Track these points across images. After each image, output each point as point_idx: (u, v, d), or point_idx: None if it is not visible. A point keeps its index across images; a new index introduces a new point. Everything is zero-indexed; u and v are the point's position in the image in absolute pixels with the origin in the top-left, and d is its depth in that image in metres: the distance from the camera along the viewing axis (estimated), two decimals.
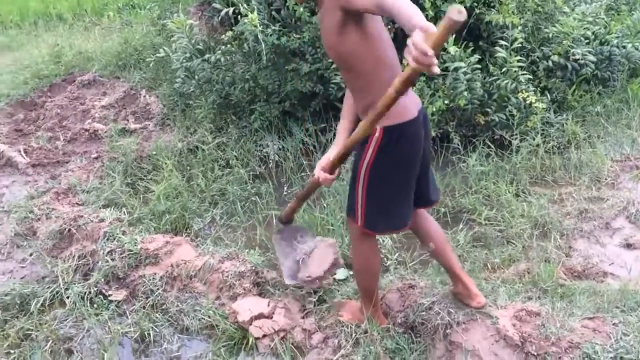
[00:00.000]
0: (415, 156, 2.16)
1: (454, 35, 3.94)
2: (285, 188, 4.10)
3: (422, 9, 4.09)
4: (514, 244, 3.24)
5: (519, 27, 4.30)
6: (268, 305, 2.79)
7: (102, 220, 3.43)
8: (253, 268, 3.04)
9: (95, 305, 2.92)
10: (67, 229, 3.40)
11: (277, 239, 2.92)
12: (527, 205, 3.52)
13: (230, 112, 4.77)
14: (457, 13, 1.37)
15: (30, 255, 3.37)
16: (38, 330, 2.78)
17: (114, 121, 5.09)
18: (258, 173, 4.27)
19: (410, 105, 2.11)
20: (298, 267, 2.84)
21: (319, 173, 2.28)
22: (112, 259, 3.13)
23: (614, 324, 2.41)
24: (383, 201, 2.23)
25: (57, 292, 3.03)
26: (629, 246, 3.17)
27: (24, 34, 8.06)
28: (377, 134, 2.09)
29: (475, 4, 4.27)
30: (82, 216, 3.47)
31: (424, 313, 2.55)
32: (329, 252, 2.87)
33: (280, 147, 4.40)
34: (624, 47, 4.72)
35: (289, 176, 4.18)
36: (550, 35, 4.57)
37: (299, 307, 2.82)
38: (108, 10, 8.35)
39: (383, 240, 3.31)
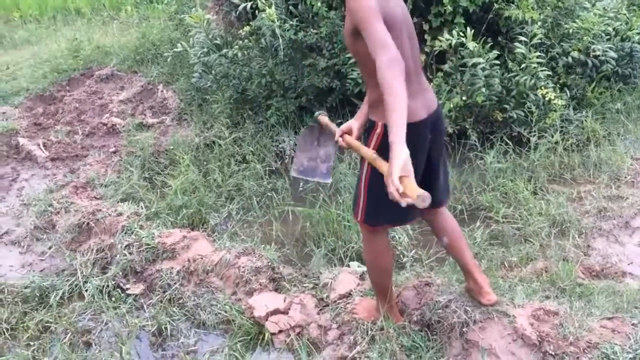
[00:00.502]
0: (415, 157, 2.05)
1: (472, 31, 3.91)
2: (301, 184, 4.10)
3: (441, 3, 4.06)
4: (532, 242, 3.21)
5: (539, 23, 4.25)
6: (284, 300, 2.80)
7: (120, 215, 3.46)
8: (269, 264, 3.04)
9: (113, 299, 2.95)
10: (85, 223, 3.44)
11: (304, 133, 2.93)
12: (545, 203, 3.49)
13: (247, 107, 4.78)
14: (421, 201, 1.66)
15: (50, 248, 3.41)
16: (57, 323, 2.82)
17: (132, 115, 5.13)
18: (274, 168, 4.28)
19: (418, 107, 2.09)
20: (308, 165, 2.84)
21: (337, 137, 2.39)
22: (130, 253, 3.16)
23: (633, 325, 2.38)
24: (381, 196, 2.14)
25: (75, 285, 3.07)
26: None
27: (43, 28, 8.14)
28: (378, 130, 2.10)
29: (495, 0, 4.23)
30: (100, 210, 3.50)
31: (440, 311, 2.53)
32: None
33: (297, 142, 4.39)
34: None
35: None
36: (570, 31, 4.52)
37: (315, 302, 2.82)
38: (126, 5, 8.40)
39: (399, 237, 3.31)
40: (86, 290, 3.02)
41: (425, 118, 2.10)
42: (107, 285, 3.03)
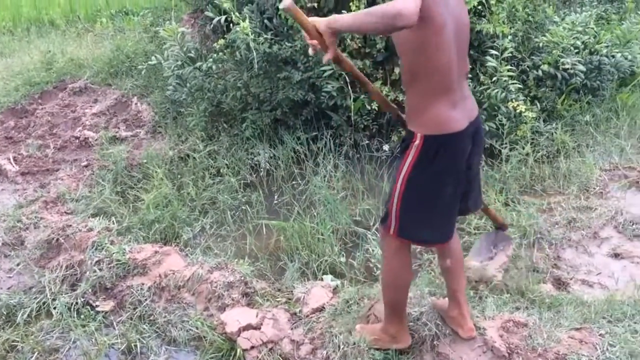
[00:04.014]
0: (456, 170, 2.08)
1: None
2: (276, 197, 4.10)
3: None
4: None
5: (510, 37, 4.32)
6: (256, 316, 2.78)
7: (90, 230, 3.41)
8: (242, 278, 3.03)
9: (82, 316, 2.90)
10: (55, 239, 3.39)
11: (486, 237, 3.02)
12: (517, 215, 3.53)
13: (222, 120, 4.77)
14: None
15: (18, 265, 3.34)
16: (24, 342, 2.76)
17: (105, 129, 5.07)
18: (249, 181, 4.26)
19: (458, 116, 2.02)
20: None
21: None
22: (100, 269, 3.11)
23: (600, 335, 2.42)
24: (418, 211, 2.15)
25: (44, 303, 3.01)
26: (616, 256, 3.18)
27: (16, 40, 8.02)
28: (417, 141, 2.03)
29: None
30: (70, 225, 3.45)
31: (412, 324, 2.55)
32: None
33: (272, 155, 4.39)
34: (613, 56, 4.75)
35: (280, 185, 4.18)
36: (541, 44, 4.60)
37: (288, 317, 2.81)
38: (101, 17, 8.32)
39: (373, 250, 3.32)
40: (54, 308, 2.96)
41: (467, 127, 2.03)
42: (76, 303, 2.98)
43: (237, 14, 4.15)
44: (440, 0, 1.88)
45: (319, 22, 1.84)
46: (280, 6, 1.87)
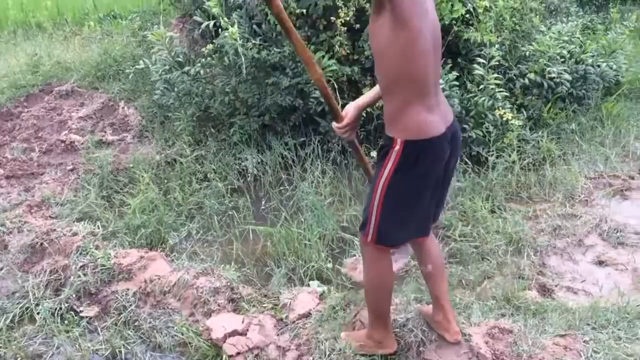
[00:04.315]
0: (435, 174, 2.10)
1: None
2: (263, 202, 4.09)
3: None
4: (489, 260, 3.26)
5: (497, 45, 4.37)
6: (242, 322, 2.77)
7: (75, 234, 3.38)
8: (228, 284, 3.02)
9: (66, 322, 2.86)
10: (39, 243, 3.35)
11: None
12: (503, 222, 3.55)
13: (210, 125, 4.75)
14: None
15: (1, 269, 3.29)
16: (6, 348, 2.71)
17: (91, 132, 5.03)
18: (236, 187, 4.25)
19: (436, 120, 2.04)
20: None
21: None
22: (85, 274, 3.08)
23: (584, 342, 2.44)
24: (397, 216, 2.15)
25: (27, 308, 2.97)
26: (600, 263, 3.21)
27: (3, 42, 7.93)
28: (397, 147, 2.03)
29: (454, 22, 4.33)
30: (54, 230, 3.41)
31: (397, 330, 2.54)
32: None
33: (259, 160, 4.38)
34: (599, 66, 4.82)
35: (267, 190, 4.17)
36: (527, 53, 4.66)
37: (274, 323, 2.80)
38: (89, 20, 8.27)
39: (359, 257, 3.31)
40: (38, 313, 2.92)
41: (444, 132, 2.04)
42: (60, 308, 2.94)
43: (225, 19, 4.15)
44: (417, 8, 1.89)
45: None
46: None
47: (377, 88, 2.25)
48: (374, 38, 1.98)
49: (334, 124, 2.32)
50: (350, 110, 2.29)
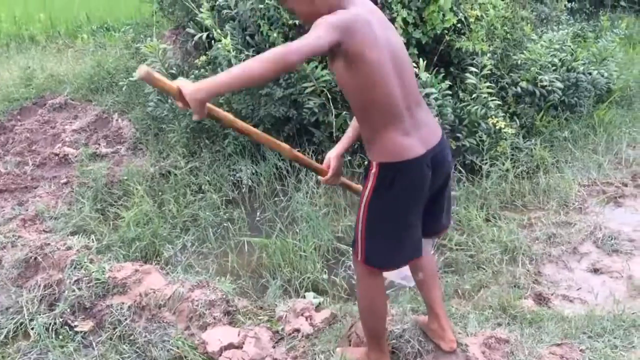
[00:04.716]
0: (415, 195, 2.08)
1: (425, 62, 4.02)
2: (258, 213, 4.08)
3: None
4: (484, 269, 3.27)
5: (489, 54, 4.40)
6: (238, 335, 2.75)
7: (69, 248, 3.35)
8: (224, 296, 3.00)
9: (60, 337, 2.83)
10: (33, 257, 3.31)
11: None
12: (497, 230, 3.56)
13: (204, 137, 4.75)
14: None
15: None
16: None
17: (85, 145, 5.02)
18: (231, 198, 4.24)
19: (412, 143, 2.01)
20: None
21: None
22: (79, 289, 3.05)
23: (581, 350, 2.44)
24: (382, 237, 2.14)
25: (21, 324, 2.94)
26: (595, 271, 3.21)
27: None
28: (374, 169, 2.05)
29: (446, 31, 4.36)
30: (48, 244, 3.38)
31: (394, 341, 2.53)
32: None
33: (254, 171, 4.38)
34: (590, 73, 4.86)
35: (262, 201, 4.17)
36: (519, 62, 4.69)
37: (270, 336, 2.79)
38: (82, 33, 8.29)
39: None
40: (32, 329, 2.89)
41: (422, 154, 2.02)
42: (55, 323, 2.91)
43: (218, 30, 4.17)
44: (369, 40, 1.91)
45: (186, 91, 1.75)
46: (136, 76, 1.86)
47: (350, 127, 2.35)
48: (336, 74, 2.03)
49: (320, 178, 2.40)
50: (331, 161, 2.36)
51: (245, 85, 1.90)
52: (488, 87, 4.23)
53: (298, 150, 4.38)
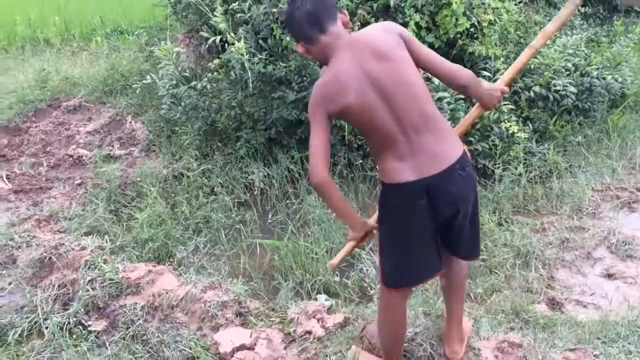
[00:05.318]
0: (405, 220, 2.08)
1: None
2: (270, 216, 4.10)
3: None
4: (497, 273, 3.25)
5: (502, 59, 4.39)
6: (250, 336, 2.77)
7: (83, 249, 3.39)
8: (236, 298, 3.01)
9: (74, 336, 2.87)
10: (47, 257, 3.36)
11: None
12: (510, 235, 3.54)
13: (216, 139, 4.78)
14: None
15: (9, 284, 3.31)
16: None
17: (99, 147, 5.07)
18: (243, 200, 4.26)
19: (404, 169, 2.01)
20: None
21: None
22: (93, 288, 3.09)
23: (594, 356, 2.42)
24: (388, 256, 2.18)
25: (35, 323, 2.98)
26: (609, 276, 3.19)
27: (11, 58, 8.04)
28: (380, 187, 2.12)
29: (459, 35, 4.36)
30: (63, 244, 3.43)
31: (406, 344, 2.53)
32: None
33: (266, 174, 4.40)
34: (604, 78, 4.83)
35: (274, 204, 4.18)
36: (532, 66, 4.67)
37: (282, 337, 2.79)
38: (96, 36, 8.37)
39: (367, 270, 3.32)
40: (46, 328, 2.93)
41: (412, 181, 2.00)
42: (68, 322, 2.95)
43: (232, 34, 4.19)
44: (344, 92, 1.97)
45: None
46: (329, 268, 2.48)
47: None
48: None
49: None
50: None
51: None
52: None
53: (308, 154, 4.42)
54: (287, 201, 4.17)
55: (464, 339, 2.47)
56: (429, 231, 2.10)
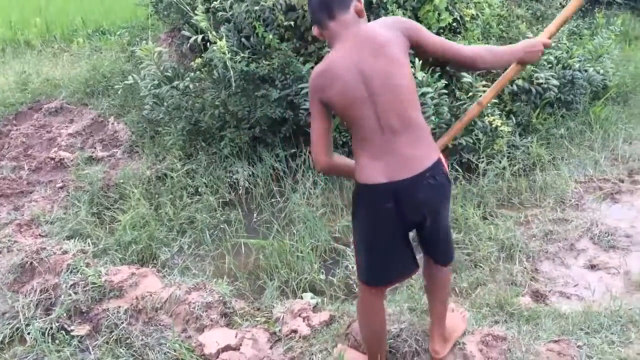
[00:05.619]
0: (375, 222, 2.07)
1: (420, 61, 4.02)
2: (255, 215, 4.08)
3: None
4: (482, 267, 3.26)
5: None
6: (235, 336, 2.75)
7: (65, 253, 3.35)
8: (221, 298, 2.99)
9: (57, 341, 2.83)
10: (29, 262, 3.31)
11: None
12: (494, 228, 3.55)
13: (200, 139, 4.75)
14: None
15: None
16: None
17: (81, 149, 5.02)
18: (228, 200, 4.24)
19: (374, 169, 2.01)
20: None
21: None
22: (75, 293, 3.05)
23: (578, 347, 2.43)
24: (362, 253, 2.19)
25: (17, 329, 2.94)
26: (592, 267, 3.21)
27: None
28: (354, 183, 2.12)
29: (442, 30, 4.36)
30: (44, 248, 3.38)
31: (392, 340, 2.53)
32: None
33: (250, 173, 4.38)
34: (586, 71, 4.86)
35: (259, 203, 4.16)
36: None
37: (267, 337, 2.78)
38: (78, 37, 8.27)
39: (353, 267, 3.31)
40: (28, 333, 2.89)
41: (381, 183, 1.99)
42: (51, 328, 2.91)
43: (214, 33, 4.16)
44: (335, 79, 1.99)
45: None
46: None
47: None
48: None
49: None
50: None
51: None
52: (484, 86, 4.22)
53: (294, 152, 4.42)
54: (272, 200, 4.15)
55: (449, 338, 2.45)
56: (399, 232, 2.10)
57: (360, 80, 1.98)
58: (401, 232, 2.11)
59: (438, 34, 4.36)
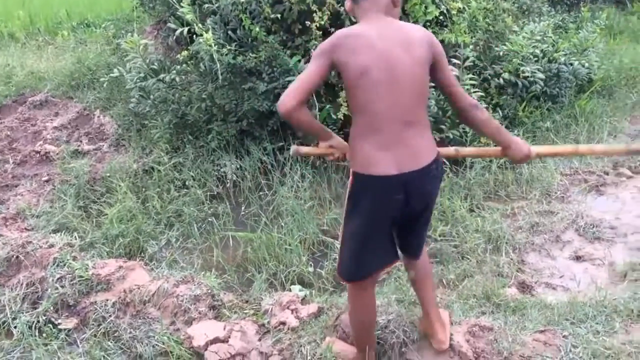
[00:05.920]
0: (382, 213, 2.06)
1: None
2: (242, 208, 4.07)
3: None
4: (469, 259, 3.29)
5: (471, 46, 4.41)
6: (224, 328, 2.74)
7: (51, 246, 3.32)
8: (209, 291, 2.99)
9: (44, 335, 2.81)
10: (14, 256, 3.28)
11: None
12: (481, 220, 3.58)
13: (187, 132, 4.72)
14: None
15: None
16: None
17: (67, 142, 4.97)
18: (215, 193, 4.23)
19: (385, 161, 1.99)
20: None
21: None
22: (62, 286, 3.03)
23: (564, 337, 2.47)
24: (347, 248, 2.17)
25: (3, 323, 2.91)
26: (578, 258, 3.25)
27: None
28: (350, 177, 2.07)
29: (428, 24, 4.37)
30: (30, 242, 3.35)
31: (379, 332, 2.54)
32: None
33: (238, 166, 4.36)
34: (571, 64, 4.90)
35: (247, 196, 4.15)
36: (501, 53, 4.71)
37: (256, 329, 2.78)
38: (62, 29, 8.17)
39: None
40: (15, 327, 2.87)
41: (392, 175, 1.98)
42: (38, 321, 2.89)
43: (200, 25, 4.13)
44: (359, 49, 1.96)
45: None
46: (291, 154, 2.37)
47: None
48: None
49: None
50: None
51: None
52: (471, 79, 4.24)
53: (281, 145, 4.41)
54: (260, 193, 4.14)
55: (447, 326, 2.47)
56: (394, 223, 2.12)
57: (385, 63, 1.97)
58: (395, 222, 2.12)
59: (425, 27, 4.36)
